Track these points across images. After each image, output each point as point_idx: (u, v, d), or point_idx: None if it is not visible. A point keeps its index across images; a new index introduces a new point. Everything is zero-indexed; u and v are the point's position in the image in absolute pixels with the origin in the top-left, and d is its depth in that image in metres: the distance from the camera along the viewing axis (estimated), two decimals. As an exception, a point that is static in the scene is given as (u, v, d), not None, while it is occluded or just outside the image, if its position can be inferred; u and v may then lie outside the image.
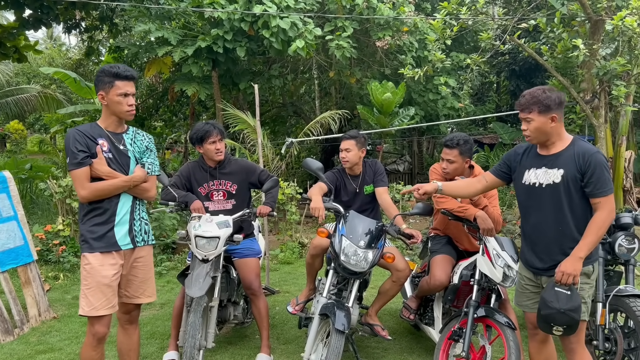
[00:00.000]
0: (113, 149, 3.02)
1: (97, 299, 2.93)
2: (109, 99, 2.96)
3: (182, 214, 3.76)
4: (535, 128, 2.90)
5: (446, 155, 3.84)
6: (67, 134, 2.98)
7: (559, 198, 2.87)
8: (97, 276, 2.93)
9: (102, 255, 2.96)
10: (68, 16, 11.10)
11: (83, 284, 2.96)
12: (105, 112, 3.05)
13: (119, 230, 3.02)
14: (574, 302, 2.79)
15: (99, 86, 2.98)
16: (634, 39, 6.45)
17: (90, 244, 2.96)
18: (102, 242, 2.97)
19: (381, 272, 5.46)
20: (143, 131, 3.26)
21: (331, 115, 10.11)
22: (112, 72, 2.95)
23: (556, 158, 2.90)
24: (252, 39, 9.57)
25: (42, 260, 6.64)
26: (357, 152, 4.13)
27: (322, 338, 3.55)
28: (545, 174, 2.92)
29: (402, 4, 9.93)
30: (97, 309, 2.93)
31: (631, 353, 3.53)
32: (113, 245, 3.00)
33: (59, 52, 25.74)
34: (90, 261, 2.94)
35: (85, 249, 2.97)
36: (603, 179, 2.79)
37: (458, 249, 4.11)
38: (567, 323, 2.82)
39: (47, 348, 4.34)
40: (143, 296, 3.18)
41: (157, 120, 17.59)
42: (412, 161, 16.97)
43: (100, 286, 2.93)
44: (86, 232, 2.98)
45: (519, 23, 7.60)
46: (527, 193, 3.02)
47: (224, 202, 4.04)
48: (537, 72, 15.18)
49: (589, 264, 2.87)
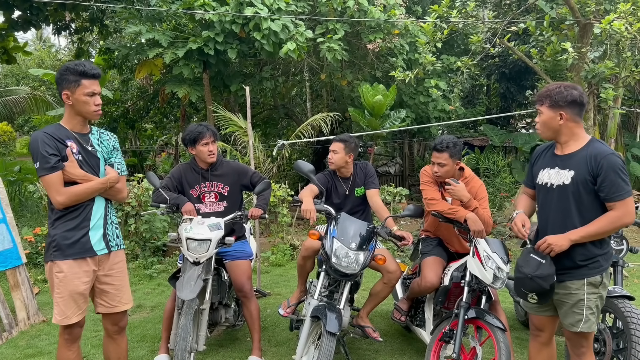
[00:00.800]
0: (82, 150, 2.89)
1: (69, 307, 2.85)
2: (75, 99, 2.82)
3: (173, 217, 3.75)
4: (543, 122, 2.88)
5: (437, 159, 3.84)
6: (34, 137, 2.81)
7: (567, 200, 2.82)
8: (70, 285, 2.83)
9: (76, 262, 2.85)
10: (58, 17, 11.05)
11: (55, 292, 2.85)
12: (69, 113, 2.90)
13: (93, 235, 2.91)
14: (543, 270, 2.76)
15: (63, 85, 2.82)
16: (621, 43, 6.50)
17: (63, 250, 2.83)
18: (77, 248, 2.85)
19: (372, 274, 5.47)
20: (106, 130, 3.15)
21: (322, 117, 10.12)
22: (78, 70, 2.81)
23: (569, 159, 2.84)
24: (243, 41, 9.57)
25: (31, 263, 6.59)
26: (344, 156, 4.14)
27: (314, 340, 3.55)
28: (557, 175, 2.86)
29: (393, 6, 9.97)
30: (69, 317, 2.87)
31: (620, 353, 3.56)
32: (88, 250, 2.88)
33: (49, 54, 25.58)
34: (63, 269, 2.82)
35: (57, 256, 2.83)
36: (617, 182, 2.69)
37: (449, 251, 4.13)
38: (535, 289, 2.80)
39: (36, 352, 4.30)
40: (121, 304, 3.07)
41: (147, 123, 17.53)
42: (403, 163, 17.01)
43: (73, 295, 2.85)
44: (59, 238, 2.83)
45: (509, 26, 7.65)
46: (540, 193, 2.98)
47: (216, 204, 4.03)
48: (526, 75, 15.29)
49: (597, 273, 2.79)
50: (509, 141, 15.37)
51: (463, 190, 3.71)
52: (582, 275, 2.81)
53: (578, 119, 2.84)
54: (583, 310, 2.80)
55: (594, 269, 2.79)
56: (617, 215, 2.71)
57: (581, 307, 2.80)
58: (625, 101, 14.00)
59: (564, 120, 2.82)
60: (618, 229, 2.79)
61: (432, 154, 3.93)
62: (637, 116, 13.85)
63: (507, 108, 16.84)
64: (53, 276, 2.87)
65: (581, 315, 2.80)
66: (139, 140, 19.37)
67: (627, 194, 2.71)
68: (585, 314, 2.80)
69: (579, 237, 2.74)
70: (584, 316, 2.80)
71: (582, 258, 2.80)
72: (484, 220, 3.69)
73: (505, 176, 12.64)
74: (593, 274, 2.79)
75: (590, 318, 2.80)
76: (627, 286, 6.20)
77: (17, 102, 14.77)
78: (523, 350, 4.33)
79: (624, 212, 2.70)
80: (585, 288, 2.79)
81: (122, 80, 15.48)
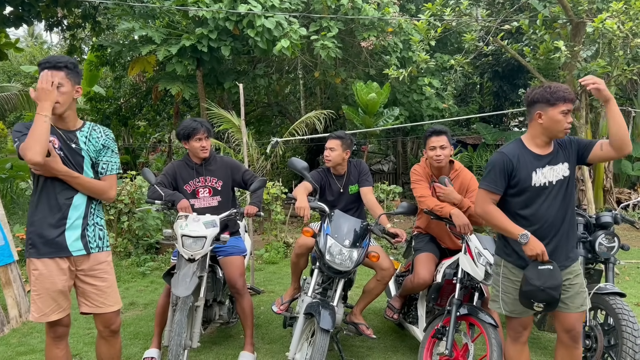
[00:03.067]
0: (64, 147, 2.79)
1: (46, 305, 2.80)
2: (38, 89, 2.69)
3: (167, 213, 3.74)
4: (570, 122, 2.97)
5: (438, 143, 3.87)
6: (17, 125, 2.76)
7: (568, 189, 2.97)
8: (46, 283, 2.78)
9: (52, 260, 2.78)
10: (50, 14, 10.97)
11: (32, 289, 2.81)
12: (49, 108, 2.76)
13: (70, 235, 2.81)
14: (554, 280, 2.82)
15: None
16: (614, 41, 6.55)
17: (37, 248, 2.77)
18: (51, 247, 2.77)
19: (366, 271, 5.49)
20: (101, 127, 3.01)
21: (316, 115, 10.12)
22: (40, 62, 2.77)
23: (555, 154, 2.97)
24: (237, 38, 9.54)
25: (23, 261, 6.52)
26: (341, 153, 4.15)
27: (307, 337, 3.55)
28: (552, 171, 2.95)
29: (386, 4, 9.97)
30: (47, 315, 2.81)
31: (611, 350, 3.59)
32: (63, 250, 2.80)
33: (41, 50, 25.41)
34: (38, 267, 2.77)
35: (32, 254, 2.78)
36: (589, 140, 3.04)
37: (441, 248, 4.15)
38: (547, 300, 2.86)
39: (28, 349, 4.28)
40: (105, 305, 2.95)
41: (140, 120, 17.46)
42: (396, 161, 17.05)
43: (50, 292, 2.79)
44: (34, 236, 2.77)
45: (502, 25, 7.68)
46: (535, 195, 2.94)
47: (210, 198, 4.04)
48: (519, 73, 15.35)
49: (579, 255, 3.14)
50: (502, 139, 15.42)
51: (453, 193, 3.76)
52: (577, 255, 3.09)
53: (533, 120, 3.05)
54: (584, 288, 3.02)
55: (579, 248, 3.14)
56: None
57: (583, 286, 3.02)
58: (617, 100, 14.07)
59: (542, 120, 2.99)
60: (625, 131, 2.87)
61: (430, 140, 3.91)
62: (629, 115, 13.93)
63: (500, 106, 16.90)
64: (30, 273, 2.82)
65: (585, 292, 3.01)
66: (132, 137, 19.29)
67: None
68: (586, 290, 3.02)
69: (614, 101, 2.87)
70: (586, 293, 3.02)
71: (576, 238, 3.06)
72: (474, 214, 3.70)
73: (498, 174, 12.66)
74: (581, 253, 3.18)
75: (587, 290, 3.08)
76: (618, 283, 6.25)
77: (9, 99, 14.66)
78: (515, 347, 4.35)
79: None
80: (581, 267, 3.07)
81: (114, 77, 15.40)
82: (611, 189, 11.36)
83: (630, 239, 9.32)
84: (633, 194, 11.92)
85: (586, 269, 3.90)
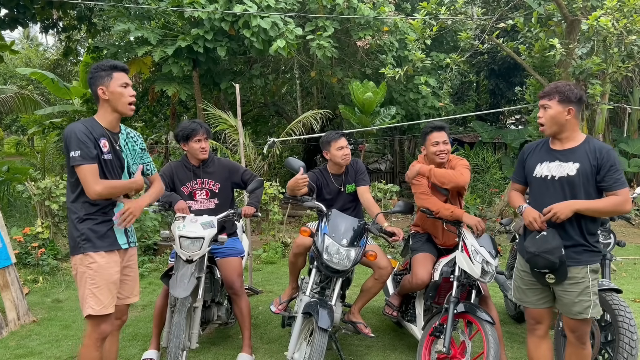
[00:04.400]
0: (112, 150, 2.95)
1: (105, 297, 2.89)
2: (110, 92, 2.89)
3: (164, 215, 3.75)
4: (551, 116, 2.98)
5: (440, 138, 3.91)
6: (71, 127, 2.85)
7: (574, 190, 2.95)
8: (105, 274, 2.89)
9: (107, 253, 2.92)
10: (45, 16, 10.95)
11: (89, 283, 2.87)
12: (105, 109, 2.95)
13: (116, 230, 3.00)
14: (548, 244, 2.90)
15: (97, 82, 2.90)
16: (608, 39, 6.57)
17: (93, 242, 2.88)
18: (105, 241, 2.92)
19: (363, 270, 5.49)
20: (133, 130, 3.20)
21: (313, 114, 10.12)
22: (108, 65, 2.92)
23: (571, 152, 2.99)
24: (233, 38, 9.54)
25: (21, 263, 6.55)
26: None
27: (306, 337, 3.56)
28: (559, 167, 2.99)
29: (382, 4, 9.98)
30: (106, 307, 2.89)
31: (608, 346, 3.60)
32: (114, 244, 2.97)
33: (36, 53, 25.32)
34: (96, 259, 2.88)
35: (88, 248, 2.88)
36: (618, 174, 2.91)
37: (438, 246, 4.16)
38: (546, 266, 2.92)
39: (26, 352, 4.28)
40: (132, 295, 3.17)
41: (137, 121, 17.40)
42: (393, 160, 17.05)
43: (108, 284, 2.90)
44: (87, 231, 2.88)
45: (498, 23, 7.70)
46: (536, 185, 3.10)
47: (207, 201, 4.04)
48: (515, 71, 15.38)
49: (597, 261, 3.00)
50: (499, 137, 15.46)
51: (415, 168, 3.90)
52: (585, 262, 2.96)
53: (578, 117, 3.02)
54: (590, 296, 2.95)
55: (594, 256, 2.98)
56: (620, 200, 2.89)
57: (588, 294, 2.95)
58: (613, 97, 14.11)
59: (571, 116, 2.97)
60: (615, 213, 3.03)
61: (431, 136, 3.94)
62: (624, 112, 13.97)
63: (497, 104, 16.94)
64: (85, 268, 2.88)
65: (589, 301, 2.95)
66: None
67: (625, 185, 2.93)
68: (592, 299, 2.95)
69: (583, 207, 2.90)
70: (591, 302, 2.95)
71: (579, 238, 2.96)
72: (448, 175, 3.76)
73: (494, 172, 12.73)
74: (594, 261, 2.98)
75: (597, 303, 2.98)
76: (615, 279, 6.27)
77: (5, 101, 14.63)
78: (513, 344, 4.37)
79: (625, 199, 2.89)
80: (590, 275, 2.95)
81: (111, 78, 15.34)
82: (608, 185, 11.37)
83: (626, 235, 9.36)
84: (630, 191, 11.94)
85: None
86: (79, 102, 14.59)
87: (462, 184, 3.78)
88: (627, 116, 14.00)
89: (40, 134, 16.01)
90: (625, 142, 13.58)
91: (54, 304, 5.53)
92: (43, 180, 7.37)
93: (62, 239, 7.59)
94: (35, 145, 18.38)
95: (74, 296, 5.76)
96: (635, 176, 13.35)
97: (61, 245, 7.38)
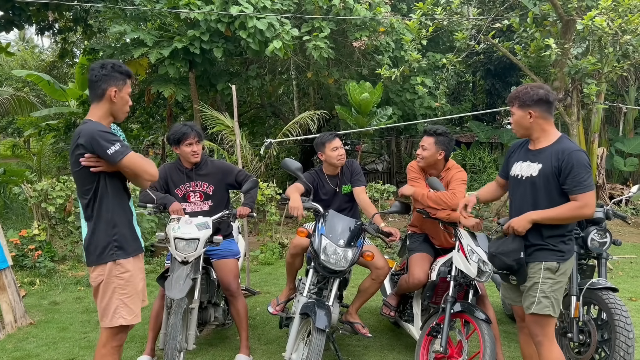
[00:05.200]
0: None
1: (136, 305, 2.87)
2: (120, 97, 2.86)
3: (160, 216, 3.74)
4: (515, 121, 3.08)
5: (422, 142, 4.01)
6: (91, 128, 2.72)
7: (536, 191, 2.99)
8: (135, 283, 2.85)
9: (134, 259, 2.87)
10: (41, 17, 10.93)
11: (120, 293, 2.79)
12: (105, 111, 2.86)
13: (138, 232, 2.97)
14: (504, 246, 3.00)
15: (111, 82, 2.82)
16: (603, 38, 6.59)
17: (125, 249, 2.81)
18: (134, 245, 2.88)
19: (361, 270, 5.50)
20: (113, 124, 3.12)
21: (310, 115, 10.12)
22: (125, 70, 2.90)
23: (540, 153, 3.02)
24: (229, 39, 9.53)
25: (18, 266, 6.53)
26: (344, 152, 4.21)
27: (303, 337, 3.57)
28: (528, 167, 3.04)
29: (378, 4, 9.99)
30: (137, 315, 2.88)
31: (604, 344, 3.62)
32: (140, 247, 2.93)
33: (32, 54, 25.26)
34: (128, 268, 2.82)
35: (120, 256, 2.79)
36: (580, 177, 2.85)
37: (435, 246, 4.17)
38: (502, 267, 3.02)
39: (23, 355, 4.27)
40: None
41: (133, 123, 17.39)
42: (390, 160, 17.06)
43: (138, 292, 2.87)
44: (120, 237, 2.80)
45: (493, 23, 7.71)
46: (512, 184, 3.18)
47: (201, 203, 4.03)
48: (511, 71, 15.41)
49: (555, 260, 2.95)
50: (495, 137, 15.50)
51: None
52: (540, 258, 2.97)
53: (547, 116, 3.02)
54: (537, 293, 2.95)
55: (553, 254, 2.96)
56: (578, 205, 2.87)
57: (535, 290, 2.96)
58: (609, 96, 14.16)
59: (533, 118, 3.01)
60: (576, 218, 2.99)
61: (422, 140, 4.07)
62: (620, 111, 14.03)
63: (493, 104, 16.97)
64: (115, 278, 2.79)
65: (534, 297, 2.96)
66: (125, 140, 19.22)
67: (588, 189, 2.86)
68: (537, 296, 2.95)
69: (539, 217, 2.94)
70: (536, 298, 2.95)
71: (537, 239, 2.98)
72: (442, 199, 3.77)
73: (491, 172, 12.76)
74: (550, 259, 2.95)
75: (542, 301, 2.94)
76: (611, 278, 6.29)
77: (1, 103, 14.58)
78: (510, 344, 4.38)
79: (584, 204, 2.86)
80: (542, 272, 2.95)
81: (107, 80, 15.32)
82: (604, 184, 11.43)
83: (622, 234, 9.39)
84: (625, 190, 11.99)
85: (579, 264, 3.93)
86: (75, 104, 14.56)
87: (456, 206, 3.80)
88: (622, 115, 14.06)
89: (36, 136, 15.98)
90: (621, 141, 13.63)
91: (50, 306, 5.52)
92: (39, 183, 7.36)
93: (59, 241, 7.58)
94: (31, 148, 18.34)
95: (70, 298, 5.75)
96: (632, 175, 13.40)
97: (58, 247, 7.37)
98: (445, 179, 4.00)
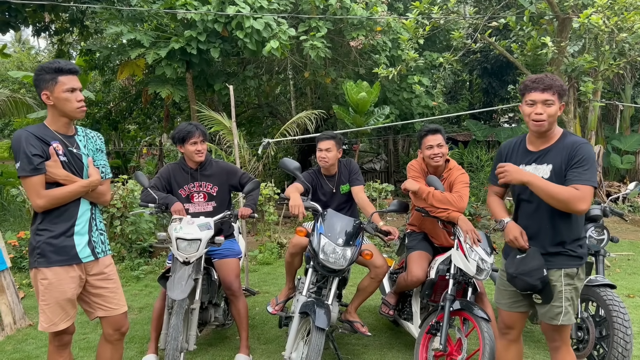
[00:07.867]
0: (67, 152, 2.77)
1: (56, 314, 2.77)
2: (55, 98, 2.69)
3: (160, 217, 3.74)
4: (554, 112, 2.75)
5: (435, 141, 3.95)
6: (17, 135, 2.68)
7: None
8: (55, 292, 2.74)
9: (62, 269, 2.74)
10: (37, 19, 10.90)
11: (40, 299, 2.76)
12: (53, 114, 2.76)
13: (78, 241, 2.80)
14: (524, 266, 2.77)
15: (41, 86, 2.70)
16: (600, 36, 6.62)
17: (47, 257, 2.72)
18: (62, 255, 2.74)
19: (360, 269, 5.51)
20: (92, 130, 3.03)
21: (307, 115, 10.13)
22: (53, 67, 2.69)
23: (546, 153, 2.83)
24: (226, 40, 9.54)
25: (16, 268, 6.52)
26: (336, 153, 4.19)
27: (303, 336, 3.57)
28: (535, 171, 2.82)
29: (375, 4, 10.00)
30: (56, 324, 2.79)
31: (602, 341, 3.64)
32: (74, 257, 2.77)
33: (28, 56, 25.18)
34: (48, 276, 2.73)
35: (41, 263, 2.72)
36: (587, 168, 2.67)
37: (434, 245, 4.18)
38: (524, 287, 2.79)
39: (23, 356, 4.27)
40: (119, 306, 2.98)
41: (130, 124, 17.38)
42: (388, 160, 17.09)
43: (59, 302, 2.76)
44: (43, 245, 2.72)
45: (490, 22, 7.74)
46: (517, 190, 2.95)
47: (205, 204, 4.03)
48: (508, 69, 15.44)
49: (574, 265, 2.81)
50: (492, 136, 15.52)
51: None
52: (560, 265, 2.81)
53: None
54: (562, 302, 2.80)
55: (571, 260, 2.81)
56: (578, 195, 2.64)
57: (560, 299, 2.80)
58: (605, 94, 14.22)
59: (561, 111, 2.82)
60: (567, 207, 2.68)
61: (426, 139, 3.98)
62: (616, 109, 14.08)
63: (490, 103, 17.01)
64: (38, 283, 2.77)
65: (560, 307, 2.80)
66: (122, 141, 19.19)
67: (591, 183, 2.68)
68: (564, 305, 2.80)
69: (536, 184, 2.71)
70: (563, 308, 2.80)
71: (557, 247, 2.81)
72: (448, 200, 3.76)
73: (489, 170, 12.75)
74: (570, 265, 2.81)
75: (569, 310, 2.82)
76: (609, 275, 6.32)
77: (-3, 105, 14.53)
78: (509, 341, 4.39)
79: (584, 196, 2.65)
80: (563, 279, 2.80)
81: (104, 81, 15.32)
82: (601, 182, 11.47)
83: (619, 231, 9.42)
84: (622, 187, 12.03)
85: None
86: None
87: (462, 209, 3.80)
88: (619, 113, 14.10)
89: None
90: (617, 138, 13.68)
91: (49, 307, 5.51)
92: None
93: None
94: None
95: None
96: (628, 173, 13.44)
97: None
98: (447, 180, 4.00)
